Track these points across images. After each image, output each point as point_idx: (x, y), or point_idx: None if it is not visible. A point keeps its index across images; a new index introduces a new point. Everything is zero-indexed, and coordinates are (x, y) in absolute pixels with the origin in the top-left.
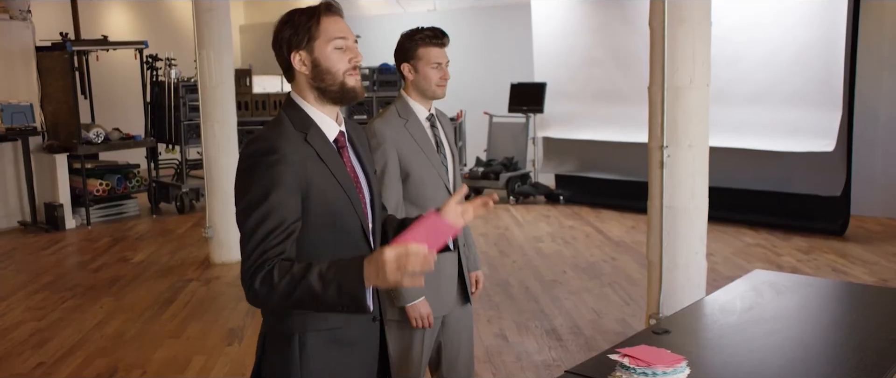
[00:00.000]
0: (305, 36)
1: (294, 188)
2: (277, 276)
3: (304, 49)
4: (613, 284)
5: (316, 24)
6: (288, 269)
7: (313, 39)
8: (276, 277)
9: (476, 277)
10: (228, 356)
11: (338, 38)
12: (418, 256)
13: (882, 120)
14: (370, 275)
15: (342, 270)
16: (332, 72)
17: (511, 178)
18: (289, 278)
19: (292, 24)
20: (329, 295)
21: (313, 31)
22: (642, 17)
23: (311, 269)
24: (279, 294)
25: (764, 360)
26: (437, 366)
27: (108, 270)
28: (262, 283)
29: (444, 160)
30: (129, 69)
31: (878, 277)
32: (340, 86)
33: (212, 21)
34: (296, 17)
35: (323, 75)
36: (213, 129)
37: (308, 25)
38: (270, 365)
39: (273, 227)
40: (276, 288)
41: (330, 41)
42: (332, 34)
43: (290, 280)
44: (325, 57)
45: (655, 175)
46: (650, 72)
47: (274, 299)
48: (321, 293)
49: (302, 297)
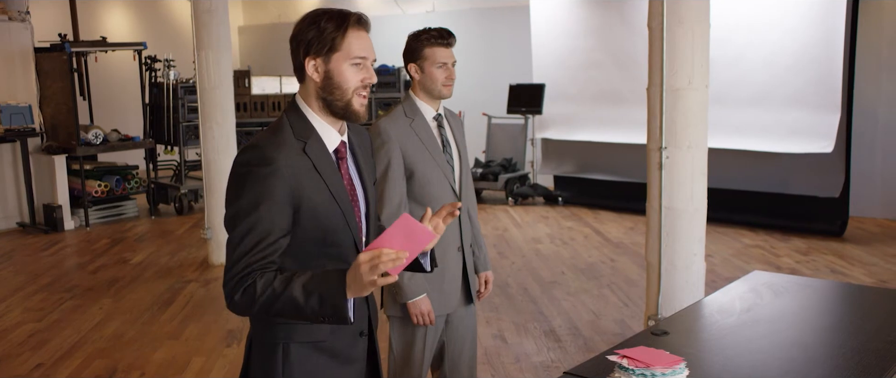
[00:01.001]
0: (328, 45)
1: (285, 201)
2: (260, 288)
3: (322, 58)
4: (612, 285)
5: (341, 37)
6: (270, 281)
7: (334, 51)
8: (258, 289)
9: (485, 278)
10: (227, 357)
11: (358, 57)
12: (388, 256)
13: (881, 121)
14: (350, 283)
15: (324, 282)
16: (343, 89)
17: (510, 180)
18: (270, 290)
19: (318, 28)
20: (311, 305)
21: (337, 42)
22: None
23: (294, 281)
24: (260, 305)
25: (763, 362)
26: (438, 364)
27: (107, 271)
28: (243, 294)
29: (450, 160)
30: (127, 70)
31: (877, 278)
32: (346, 105)
33: (211, 22)
34: (323, 21)
35: (332, 89)
36: (211, 130)
37: (333, 36)
38: (255, 370)
39: (259, 240)
40: (257, 300)
41: (349, 58)
42: (354, 52)
43: (272, 292)
44: (340, 72)
45: (654, 176)
46: (649, 73)
47: (254, 310)
48: (303, 304)
49: (283, 307)
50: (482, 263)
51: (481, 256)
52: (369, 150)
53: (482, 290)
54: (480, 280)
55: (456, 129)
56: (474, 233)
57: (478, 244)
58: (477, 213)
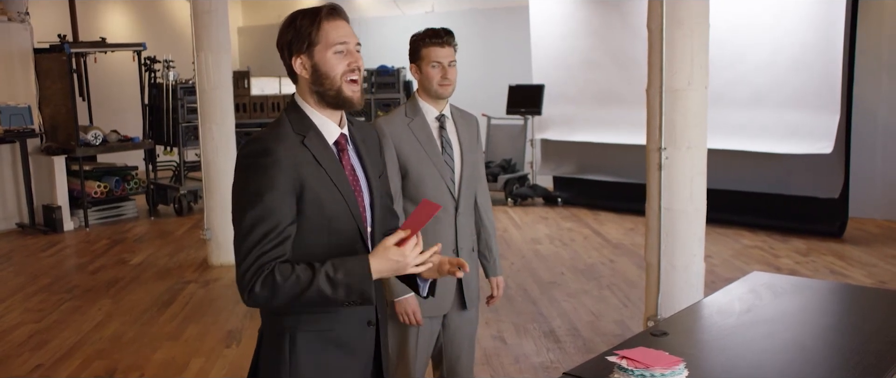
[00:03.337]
0: (306, 41)
1: (288, 190)
2: (280, 278)
3: (305, 53)
4: (612, 286)
5: (317, 30)
6: (290, 272)
7: (314, 44)
8: (278, 280)
9: (496, 283)
10: (227, 358)
11: (338, 43)
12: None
13: (881, 122)
14: (378, 268)
15: (350, 272)
16: (331, 77)
17: (509, 180)
18: (294, 280)
19: (294, 27)
20: (339, 295)
21: (314, 36)
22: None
23: (318, 273)
24: (283, 296)
25: (762, 362)
26: (438, 363)
27: (107, 272)
28: (263, 286)
29: (450, 161)
30: (127, 71)
31: (877, 279)
32: (337, 91)
33: (210, 23)
34: (298, 20)
35: (322, 80)
36: (211, 131)
37: (309, 31)
38: (265, 360)
39: (268, 230)
40: (279, 291)
41: (330, 47)
42: (333, 40)
43: (296, 283)
44: (325, 62)
45: (654, 177)
46: (648, 74)
47: (277, 302)
48: (331, 295)
49: (311, 299)
50: (493, 268)
51: (492, 261)
52: (376, 145)
53: (495, 295)
54: (492, 285)
55: (463, 130)
56: (487, 237)
57: (488, 248)
58: (492, 216)
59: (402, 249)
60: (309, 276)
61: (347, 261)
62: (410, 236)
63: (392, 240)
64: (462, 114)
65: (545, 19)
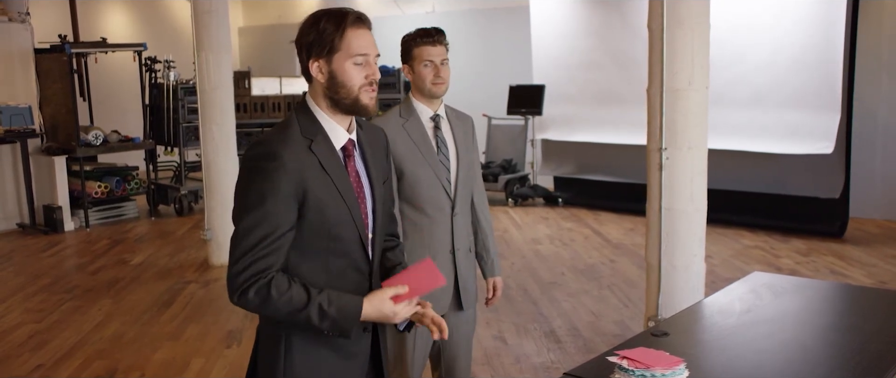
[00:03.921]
0: (327, 46)
1: (291, 196)
2: (275, 293)
3: (324, 58)
4: (612, 286)
5: (340, 37)
6: (286, 289)
7: (335, 51)
8: (273, 294)
9: (494, 284)
10: (227, 358)
11: (359, 54)
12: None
13: (881, 122)
14: (368, 313)
15: (341, 310)
16: (348, 86)
17: (510, 181)
18: (287, 299)
19: (317, 29)
20: (324, 326)
21: (336, 42)
22: (641, 18)
23: (312, 302)
24: (273, 310)
25: (763, 363)
26: (436, 364)
27: (107, 272)
28: (257, 294)
29: (445, 161)
30: (127, 71)
31: (877, 279)
32: (354, 101)
33: (211, 23)
34: (322, 22)
35: (338, 88)
36: (211, 131)
37: (332, 36)
38: (263, 359)
39: (266, 234)
40: (271, 304)
41: (351, 57)
42: (354, 50)
43: (289, 302)
44: (343, 71)
45: (654, 177)
46: (649, 74)
47: (265, 312)
48: (317, 324)
49: (296, 319)
50: (490, 269)
51: (489, 261)
52: (384, 148)
53: (490, 297)
54: (488, 285)
55: (459, 130)
56: (484, 237)
57: (486, 248)
58: (489, 216)
59: (396, 306)
60: (302, 301)
61: (343, 298)
62: (408, 297)
63: (390, 293)
64: (457, 114)
65: (545, 19)
